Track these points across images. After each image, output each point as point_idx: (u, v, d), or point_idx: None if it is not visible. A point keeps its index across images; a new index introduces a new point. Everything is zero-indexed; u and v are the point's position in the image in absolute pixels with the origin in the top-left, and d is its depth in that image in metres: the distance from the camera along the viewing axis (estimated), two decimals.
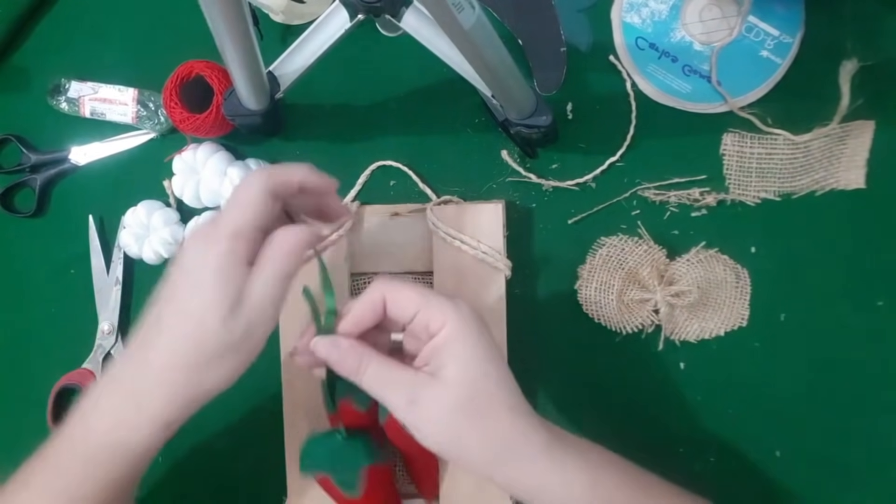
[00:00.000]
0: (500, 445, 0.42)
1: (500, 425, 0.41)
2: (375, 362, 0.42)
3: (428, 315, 0.42)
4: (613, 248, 0.57)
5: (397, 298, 0.43)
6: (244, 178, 0.46)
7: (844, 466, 0.56)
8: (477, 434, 0.41)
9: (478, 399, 0.41)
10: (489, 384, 0.42)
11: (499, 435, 0.42)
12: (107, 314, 0.63)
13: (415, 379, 0.42)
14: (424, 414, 0.41)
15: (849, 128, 0.55)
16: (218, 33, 0.45)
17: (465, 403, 0.41)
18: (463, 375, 0.41)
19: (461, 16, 0.40)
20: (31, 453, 0.65)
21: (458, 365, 0.41)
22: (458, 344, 0.42)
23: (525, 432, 0.42)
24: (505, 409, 0.42)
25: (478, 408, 0.41)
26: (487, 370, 0.42)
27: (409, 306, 0.43)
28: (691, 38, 0.57)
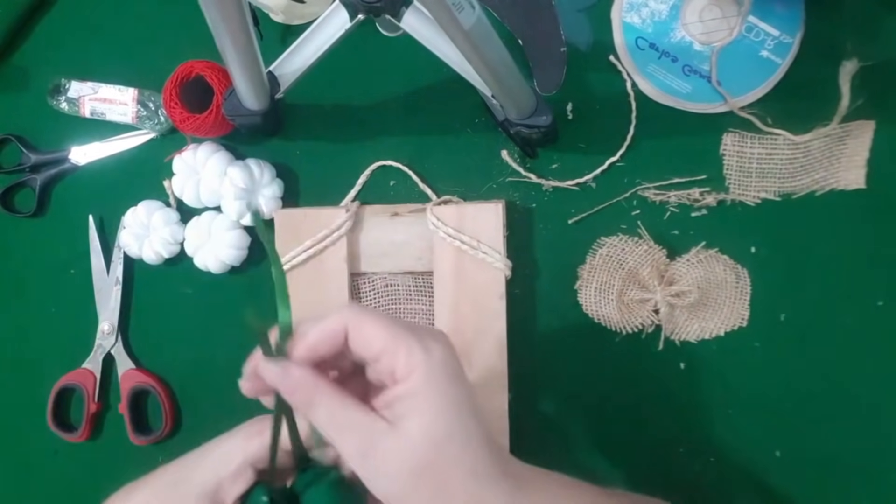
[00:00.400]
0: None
1: (457, 493, 0.37)
2: (328, 399, 0.37)
3: (394, 360, 0.37)
4: (613, 248, 0.57)
5: (362, 333, 0.38)
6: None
7: (844, 466, 0.56)
8: (433, 496, 0.37)
9: (439, 463, 0.37)
10: (453, 447, 0.37)
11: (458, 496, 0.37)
12: (107, 314, 0.63)
13: (372, 426, 0.37)
14: (378, 468, 0.37)
15: (849, 128, 0.55)
16: (218, 33, 0.45)
17: (424, 466, 0.36)
18: (426, 434, 0.36)
19: (461, 16, 0.40)
20: (31, 453, 0.65)
21: (422, 421, 0.37)
22: (424, 399, 0.37)
23: (488, 491, 0.38)
24: (467, 477, 0.37)
25: (437, 473, 0.37)
26: (453, 430, 0.37)
27: (373, 345, 0.37)
28: (691, 38, 0.57)
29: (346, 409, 0.37)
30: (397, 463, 0.36)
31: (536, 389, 0.58)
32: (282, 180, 0.60)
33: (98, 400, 0.63)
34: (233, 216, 0.59)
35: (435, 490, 0.37)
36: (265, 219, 0.59)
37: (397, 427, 0.37)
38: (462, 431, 0.37)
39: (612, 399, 0.58)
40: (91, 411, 0.62)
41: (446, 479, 0.37)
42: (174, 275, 0.63)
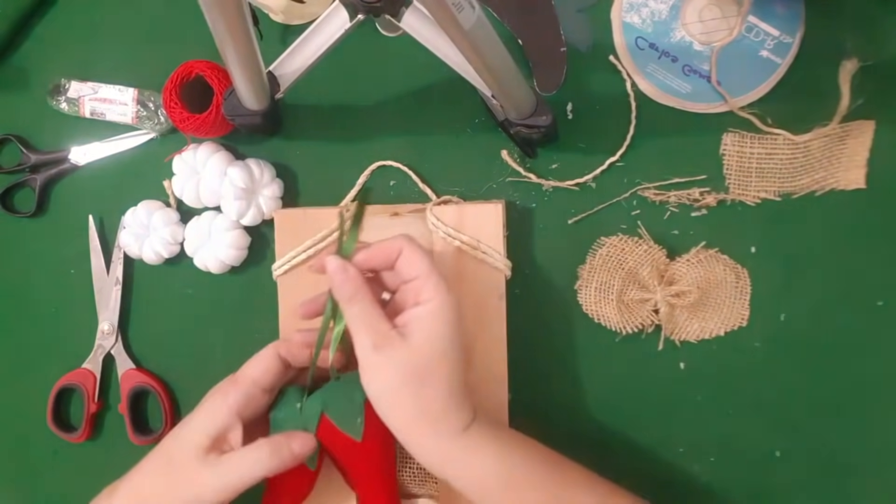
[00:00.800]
0: (426, 416, 0.46)
1: (434, 399, 0.46)
2: (367, 300, 0.47)
3: (424, 285, 0.46)
4: (613, 248, 0.57)
5: (411, 257, 0.47)
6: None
7: (844, 466, 0.56)
8: (412, 398, 0.46)
9: (428, 370, 0.45)
10: (443, 363, 0.46)
11: (429, 406, 0.46)
12: (107, 314, 0.63)
13: (388, 332, 0.46)
14: (382, 363, 0.46)
15: (849, 128, 0.55)
16: (218, 33, 0.45)
17: (415, 369, 0.45)
18: (426, 347, 0.46)
19: (461, 16, 0.40)
20: (31, 453, 0.65)
21: (427, 337, 0.46)
22: (436, 321, 0.46)
23: (452, 413, 0.46)
24: (445, 388, 0.46)
25: (423, 377, 0.45)
26: (447, 352, 0.46)
27: (415, 269, 0.47)
28: (691, 38, 0.57)
29: (374, 311, 0.46)
30: (398, 362, 0.45)
31: (536, 389, 0.58)
32: (282, 180, 0.60)
33: (98, 400, 0.63)
34: (233, 216, 0.59)
35: (417, 392, 0.45)
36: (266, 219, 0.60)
37: (406, 337, 0.46)
38: (453, 357, 0.46)
39: (612, 399, 0.58)
40: (91, 411, 0.62)
41: (429, 384, 0.46)
42: (174, 275, 0.63)
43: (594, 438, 0.52)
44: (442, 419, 0.46)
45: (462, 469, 0.47)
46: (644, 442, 0.57)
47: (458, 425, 0.47)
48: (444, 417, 0.46)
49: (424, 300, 0.46)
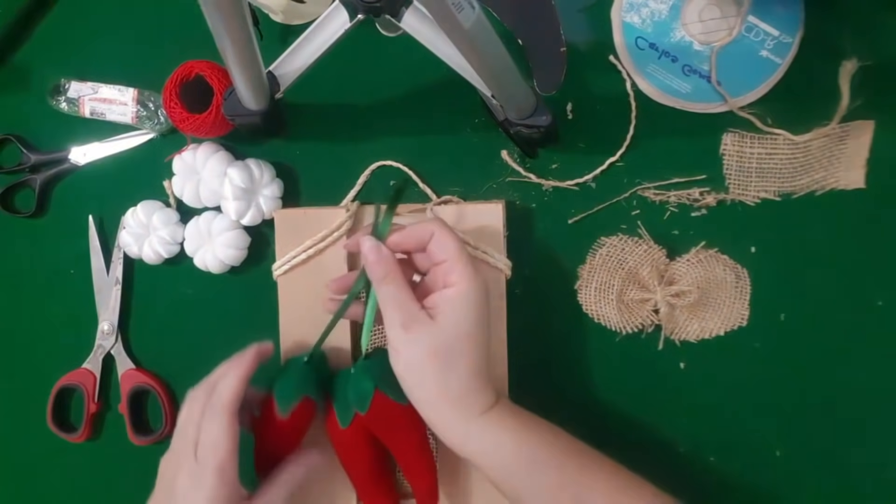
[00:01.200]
0: (449, 393, 0.48)
1: (458, 378, 0.48)
2: (398, 280, 0.48)
3: (454, 268, 0.48)
4: (613, 248, 0.57)
5: (442, 240, 0.49)
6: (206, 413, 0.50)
7: (844, 466, 0.56)
8: (437, 376, 0.47)
9: (453, 350, 0.47)
10: (468, 344, 0.48)
11: (453, 384, 0.47)
12: (107, 314, 0.63)
13: (417, 312, 0.48)
14: (410, 340, 0.47)
15: (849, 128, 0.55)
16: (218, 33, 0.45)
17: (441, 348, 0.47)
18: (452, 328, 0.47)
19: (461, 16, 0.40)
20: (31, 453, 0.65)
21: (454, 318, 0.47)
22: (463, 303, 0.48)
23: (474, 393, 0.48)
24: (468, 368, 0.48)
25: (449, 356, 0.47)
26: (472, 333, 0.48)
27: (445, 252, 0.48)
28: (691, 38, 0.57)
29: (405, 293, 0.48)
30: (425, 342, 0.47)
31: (536, 389, 0.58)
32: (282, 180, 0.60)
33: (98, 400, 0.63)
34: (233, 216, 0.59)
35: (442, 371, 0.47)
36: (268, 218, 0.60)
37: (434, 318, 0.48)
38: (478, 338, 0.48)
39: (613, 399, 0.58)
40: (91, 411, 0.62)
41: (454, 364, 0.47)
42: (174, 275, 0.63)
43: (594, 438, 0.52)
44: (464, 398, 0.48)
45: (481, 448, 0.48)
46: (644, 442, 0.57)
47: (479, 406, 0.48)
48: (466, 397, 0.48)
49: (452, 283, 0.48)
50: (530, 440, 0.48)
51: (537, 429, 0.49)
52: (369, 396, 0.51)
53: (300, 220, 0.58)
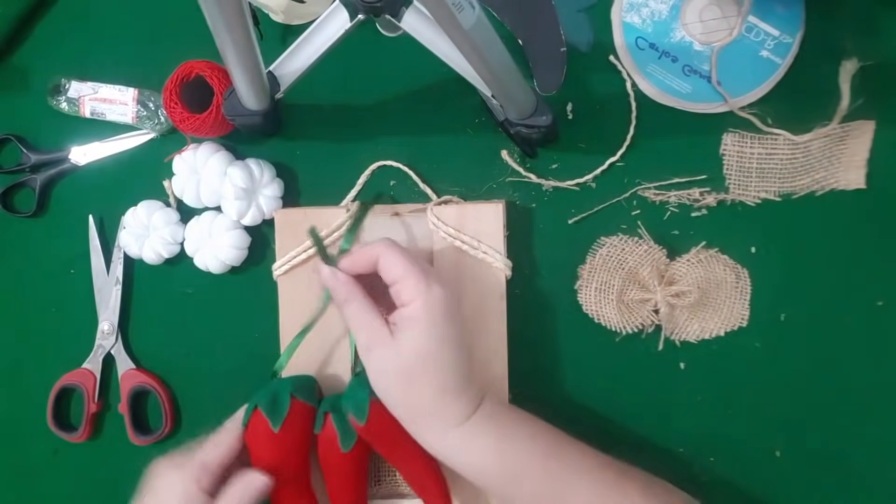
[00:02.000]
0: (419, 413, 0.48)
1: (423, 398, 0.48)
2: (358, 301, 0.49)
3: (403, 288, 0.48)
4: (613, 248, 0.57)
5: (387, 263, 0.49)
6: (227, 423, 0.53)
7: (844, 466, 0.56)
8: (404, 397, 0.48)
9: (416, 373, 0.47)
10: (428, 364, 0.47)
11: (420, 404, 0.48)
12: (107, 314, 0.63)
13: (380, 331, 0.48)
14: (375, 362, 0.48)
15: (849, 128, 0.55)
16: (218, 33, 0.45)
17: (403, 370, 0.47)
18: (412, 349, 0.47)
19: (461, 16, 0.40)
20: (31, 453, 0.65)
21: (411, 338, 0.47)
22: (416, 324, 0.47)
23: (447, 409, 0.48)
24: (434, 389, 0.48)
25: (411, 378, 0.47)
26: (434, 351, 0.47)
27: (392, 272, 0.49)
28: (691, 38, 0.57)
29: (367, 313, 0.49)
30: (388, 363, 0.48)
31: (536, 389, 0.58)
32: (282, 180, 0.60)
33: (98, 400, 0.63)
34: (233, 216, 0.59)
35: (407, 391, 0.48)
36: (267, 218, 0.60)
37: (396, 338, 0.48)
38: (441, 355, 0.48)
39: (612, 399, 0.58)
40: (91, 411, 0.62)
41: (420, 386, 0.48)
42: (174, 275, 0.62)
43: (594, 438, 0.52)
44: (436, 414, 0.48)
45: (460, 460, 0.48)
46: (644, 442, 0.57)
47: (453, 419, 0.48)
48: (437, 412, 0.48)
49: (406, 302, 0.48)
50: (511, 448, 0.48)
51: (517, 433, 0.49)
52: (366, 405, 0.51)
53: (300, 220, 0.58)
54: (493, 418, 0.49)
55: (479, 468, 0.48)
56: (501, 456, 0.48)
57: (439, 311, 0.47)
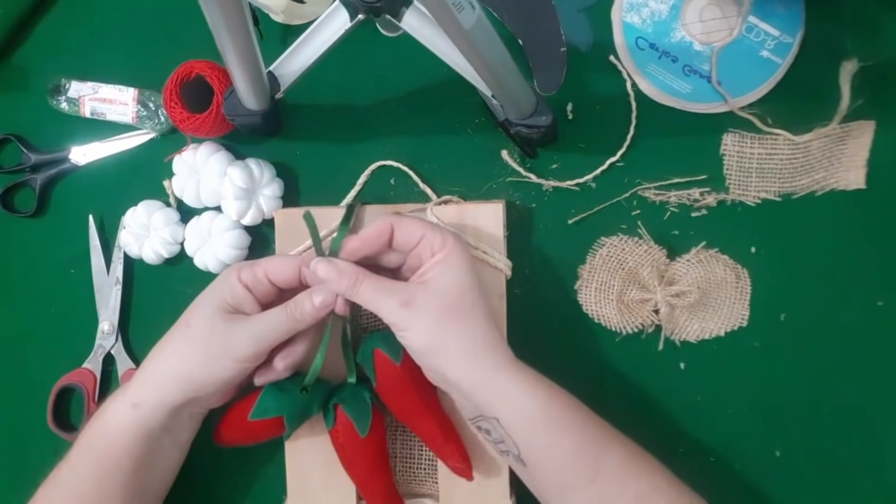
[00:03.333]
0: (475, 347, 0.48)
1: (478, 329, 0.48)
2: (370, 277, 0.49)
3: (433, 238, 0.49)
4: (613, 248, 0.57)
5: (405, 228, 0.50)
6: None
7: (844, 466, 0.56)
8: (458, 333, 0.48)
9: (464, 303, 0.48)
10: (474, 294, 0.48)
11: (476, 337, 0.48)
12: (107, 314, 0.63)
13: (409, 287, 0.48)
14: (416, 313, 0.47)
15: (849, 128, 0.55)
16: (218, 33, 0.45)
17: (452, 306, 0.47)
18: (454, 283, 0.48)
19: (461, 16, 0.40)
20: (31, 453, 0.65)
21: (452, 275, 0.48)
22: (455, 259, 0.48)
23: (497, 342, 0.49)
24: (484, 317, 0.48)
25: (463, 310, 0.48)
26: (473, 283, 0.49)
27: (415, 233, 0.49)
28: (691, 38, 0.57)
29: (384, 280, 0.49)
30: (431, 306, 0.47)
31: None
32: (282, 180, 0.60)
33: (98, 400, 0.63)
34: (233, 216, 0.59)
35: (461, 325, 0.48)
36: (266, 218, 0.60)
37: (429, 284, 0.48)
38: (479, 289, 0.49)
39: (612, 399, 0.58)
40: (91, 411, 0.62)
41: (470, 316, 0.48)
42: (174, 275, 0.62)
43: None
44: (490, 349, 0.48)
45: (509, 400, 0.48)
46: (644, 442, 0.57)
47: (504, 356, 0.48)
48: (492, 345, 0.48)
49: (438, 249, 0.49)
50: (555, 399, 0.48)
51: (559, 390, 0.49)
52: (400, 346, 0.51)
53: (300, 220, 0.58)
54: (532, 370, 0.50)
55: (530, 409, 0.47)
56: (551, 401, 0.48)
57: (466, 252, 0.49)
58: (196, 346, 0.50)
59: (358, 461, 0.53)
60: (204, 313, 0.51)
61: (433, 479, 0.57)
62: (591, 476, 0.47)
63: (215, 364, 0.50)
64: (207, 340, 0.50)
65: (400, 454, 0.58)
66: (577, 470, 0.47)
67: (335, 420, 0.53)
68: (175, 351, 0.51)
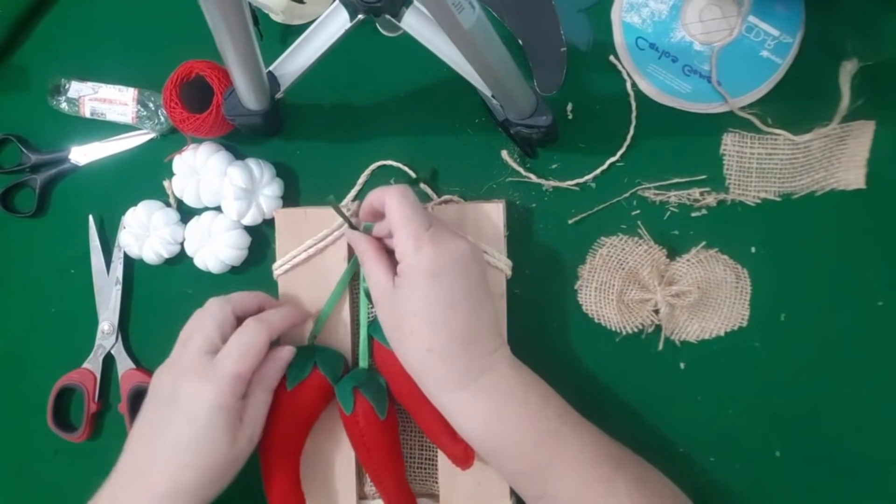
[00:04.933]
0: (412, 370, 0.49)
1: (412, 357, 0.49)
2: (372, 256, 0.50)
3: (398, 244, 0.49)
4: (613, 248, 0.57)
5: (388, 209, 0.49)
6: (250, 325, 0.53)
7: (844, 466, 0.56)
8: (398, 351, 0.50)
9: (402, 328, 0.48)
10: (414, 322, 0.48)
11: (410, 364, 0.49)
12: (107, 314, 0.63)
13: (384, 285, 0.49)
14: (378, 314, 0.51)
15: (849, 128, 0.55)
16: (218, 33, 0.45)
17: (393, 325, 0.49)
18: (399, 304, 0.48)
19: (461, 16, 0.40)
20: (31, 453, 0.65)
21: (401, 295, 0.48)
22: (405, 282, 0.48)
23: (436, 370, 0.48)
24: (419, 348, 0.48)
25: (400, 335, 0.49)
26: (417, 311, 0.47)
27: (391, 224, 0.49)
28: (691, 38, 0.57)
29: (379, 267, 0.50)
30: (385, 316, 0.49)
31: None
32: (282, 180, 0.60)
33: (98, 400, 0.63)
34: (233, 216, 0.59)
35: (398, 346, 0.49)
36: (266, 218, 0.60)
37: (394, 291, 0.48)
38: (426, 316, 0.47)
39: (612, 399, 0.58)
40: (91, 411, 0.62)
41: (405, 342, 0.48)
42: (174, 275, 0.63)
43: None
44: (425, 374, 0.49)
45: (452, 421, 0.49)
46: (644, 442, 0.57)
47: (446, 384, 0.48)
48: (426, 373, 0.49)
49: (398, 258, 0.49)
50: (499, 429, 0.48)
51: (514, 416, 0.49)
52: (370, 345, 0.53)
53: (300, 220, 0.58)
54: (491, 391, 0.49)
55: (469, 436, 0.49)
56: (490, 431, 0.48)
57: (423, 273, 0.47)
58: (218, 479, 0.51)
59: (378, 445, 0.53)
60: (221, 452, 0.50)
61: (433, 479, 0.57)
62: (538, 495, 0.49)
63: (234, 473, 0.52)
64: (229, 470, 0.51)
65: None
66: (521, 489, 0.50)
67: (355, 404, 0.53)
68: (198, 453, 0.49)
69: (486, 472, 0.55)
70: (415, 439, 0.58)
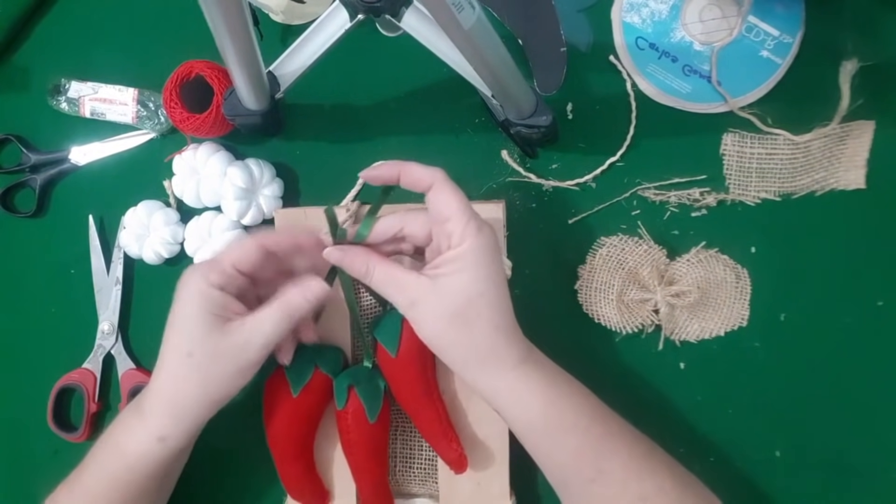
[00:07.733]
0: (478, 355, 0.47)
1: (480, 339, 0.47)
2: (382, 264, 0.48)
3: (455, 226, 0.47)
4: (613, 248, 0.57)
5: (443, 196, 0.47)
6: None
7: (844, 466, 0.56)
8: (460, 340, 0.47)
9: (467, 313, 0.47)
10: (481, 303, 0.47)
11: (478, 346, 0.47)
12: (107, 314, 0.63)
13: (419, 282, 0.47)
14: (421, 315, 0.47)
15: (849, 128, 0.55)
16: (218, 33, 0.45)
17: (455, 313, 0.46)
18: (461, 290, 0.46)
19: (461, 16, 0.40)
20: (31, 453, 0.65)
21: (461, 280, 0.46)
22: (468, 262, 0.46)
23: (501, 349, 0.48)
24: (489, 327, 0.47)
25: (465, 320, 0.47)
26: (483, 291, 0.47)
27: (446, 209, 0.47)
28: (691, 38, 0.57)
29: (398, 270, 0.48)
30: (439, 308, 0.47)
31: None
32: (282, 180, 0.60)
33: (98, 400, 0.63)
34: (233, 216, 0.59)
35: (461, 333, 0.47)
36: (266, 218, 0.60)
37: (438, 283, 0.47)
38: (491, 294, 0.47)
39: (612, 399, 0.58)
40: (91, 411, 0.62)
41: (472, 326, 0.47)
42: (174, 275, 0.62)
43: None
44: (491, 355, 0.47)
45: (508, 404, 0.48)
46: None
47: (508, 361, 0.48)
48: (493, 354, 0.47)
49: (456, 244, 0.47)
50: (558, 402, 0.48)
51: (568, 390, 0.49)
52: (397, 337, 0.52)
53: (300, 220, 0.58)
54: (546, 370, 0.49)
55: (525, 416, 0.48)
56: (549, 408, 0.47)
57: (488, 254, 0.47)
58: (209, 371, 0.49)
59: (360, 445, 0.54)
60: (199, 337, 0.48)
61: (433, 479, 0.57)
62: (592, 477, 0.47)
63: (233, 380, 0.49)
64: (217, 363, 0.48)
65: (400, 454, 0.58)
66: (576, 471, 0.48)
67: (347, 401, 0.53)
68: (187, 380, 0.49)
69: (486, 472, 0.55)
70: (415, 440, 0.58)
